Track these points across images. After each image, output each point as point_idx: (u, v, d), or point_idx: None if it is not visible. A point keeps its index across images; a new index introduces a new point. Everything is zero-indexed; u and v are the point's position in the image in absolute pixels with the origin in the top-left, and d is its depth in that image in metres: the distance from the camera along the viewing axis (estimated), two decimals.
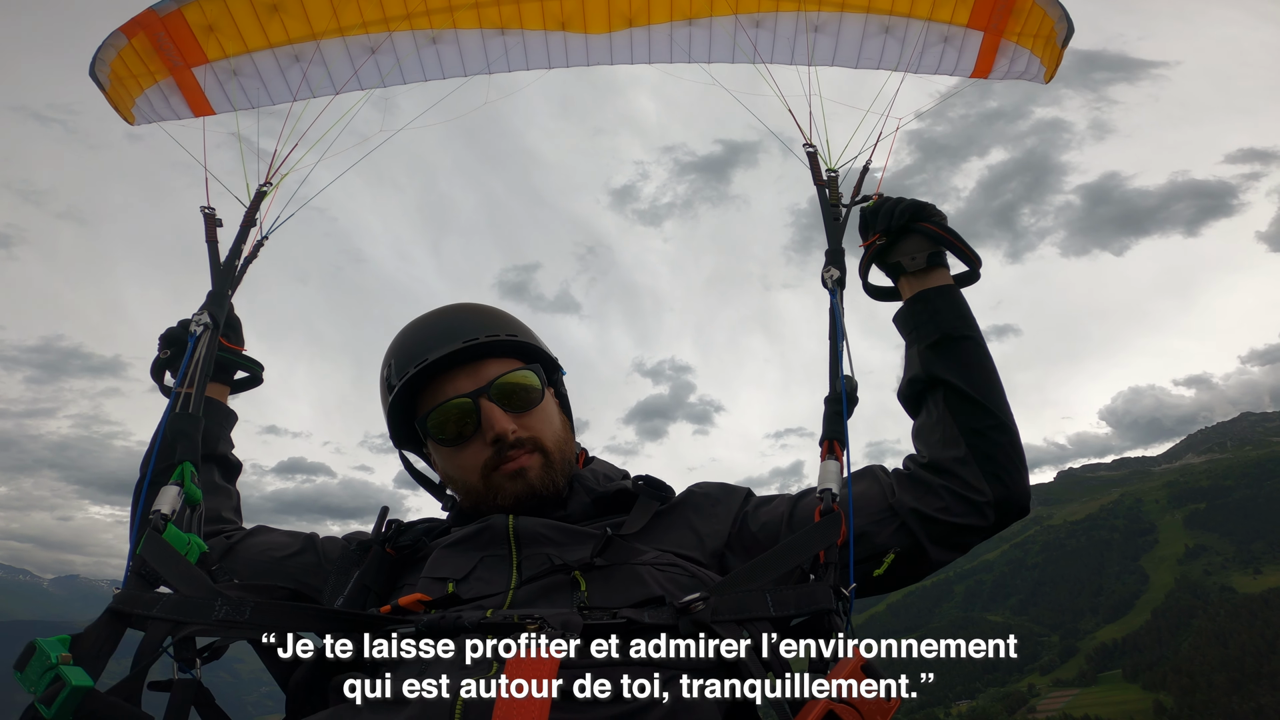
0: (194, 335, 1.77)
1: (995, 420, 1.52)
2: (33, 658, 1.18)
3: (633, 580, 1.35)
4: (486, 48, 2.47)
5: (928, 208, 1.74)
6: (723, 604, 1.24)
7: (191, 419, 1.65)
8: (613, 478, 1.67)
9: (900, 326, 1.73)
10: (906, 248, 1.74)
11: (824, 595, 1.25)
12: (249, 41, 2.56)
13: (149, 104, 2.68)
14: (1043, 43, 2.41)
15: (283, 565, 1.68)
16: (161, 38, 2.53)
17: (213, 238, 2.04)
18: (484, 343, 1.57)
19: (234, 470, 1.99)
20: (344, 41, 2.53)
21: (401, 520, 1.63)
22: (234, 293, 2.01)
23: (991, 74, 2.48)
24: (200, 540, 1.49)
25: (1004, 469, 1.49)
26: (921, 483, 1.51)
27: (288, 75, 2.59)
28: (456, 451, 1.57)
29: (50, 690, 1.13)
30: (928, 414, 1.60)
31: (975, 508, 1.47)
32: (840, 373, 1.61)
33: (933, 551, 1.47)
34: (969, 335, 1.61)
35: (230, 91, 2.64)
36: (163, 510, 1.48)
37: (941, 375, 1.57)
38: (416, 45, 2.49)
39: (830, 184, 2.05)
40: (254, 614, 1.26)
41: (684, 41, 2.41)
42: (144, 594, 1.31)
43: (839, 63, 2.43)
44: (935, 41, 2.42)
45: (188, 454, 1.59)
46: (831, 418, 1.55)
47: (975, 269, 1.74)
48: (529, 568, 1.39)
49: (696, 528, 1.54)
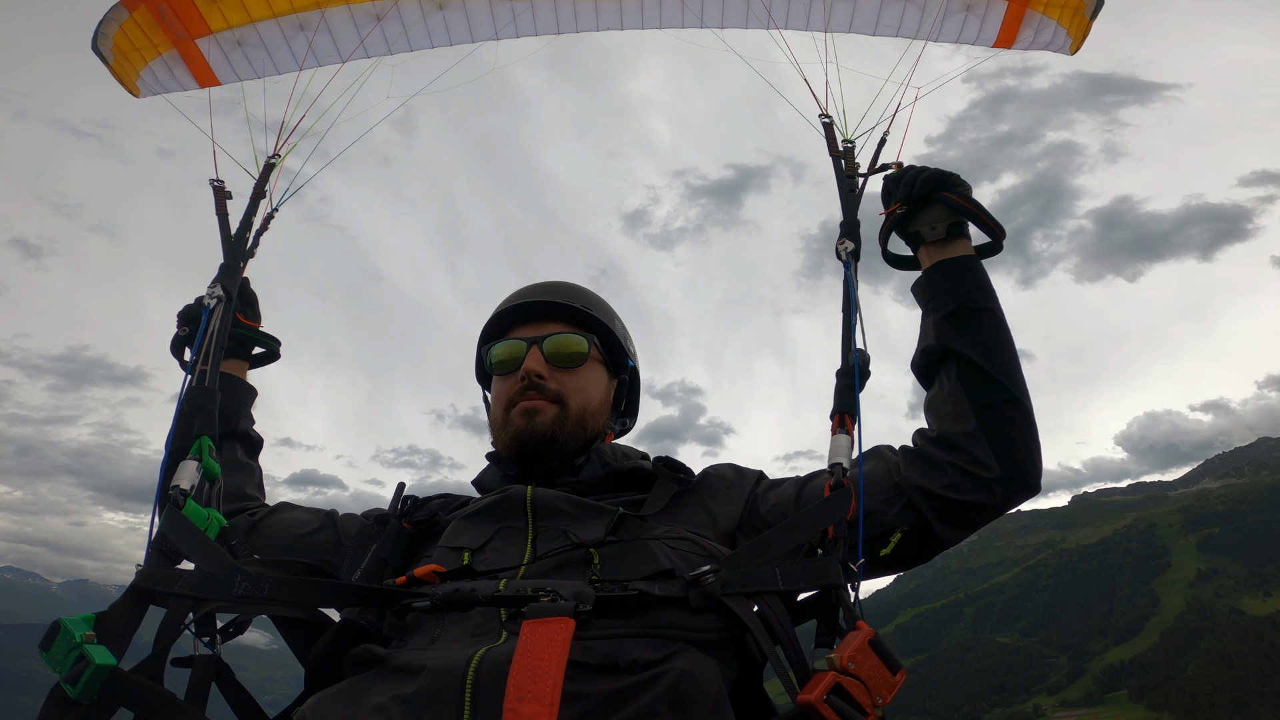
0: (208, 308, 1.76)
1: (1008, 395, 1.48)
2: (58, 637, 1.18)
3: (645, 555, 1.36)
4: (494, 13, 2.42)
5: (951, 177, 1.69)
6: (732, 577, 1.24)
7: (208, 393, 1.65)
8: (631, 456, 1.69)
9: (917, 296, 1.69)
10: (927, 217, 1.70)
11: (833, 570, 1.25)
12: (252, 11, 2.53)
13: (153, 76, 2.64)
14: (1070, 13, 2.33)
15: (303, 542, 1.71)
16: (163, 9, 2.50)
17: (223, 210, 2.02)
18: (557, 305, 1.72)
19: (256, 446, 1.99)
20: (349, 9, 2.49)
21: (417, 495, 1.67)
22: (246, 266, 1.98)
23: (1015, 44, 2.40)
24: (220, 515, 1.50)
25: (1015, 445, 1.45)
26: (928, 459, 1.48)
27: (293, 44, 2.56)
28: (499, 382, 1.72)
29: (75, 669, 1.13)
30: (940, 386, 1.56)
31: (983, 484, 1.43)
32: (853, 345, 1.57)
33: (940, 530, 1.44)
34: (987, 307, 1.57)
35: (235, 62, 2.60)
36: (182, 485, 1.48)
37: (955, 346, 1.53)
38: (423, 11, 2.45)
39: (846, 154, 1.99)
40: (273, 589, 1.27)
41: (696, 6, 2.35)
42: (165, 570, 1.32)
43: (856, 29, 2.36)
44: (957, 9, 2.34)
45: (205, 428, 1.60)
46: (843, 390, 1.51)
47: (998, 240, 1.70)
48: (544, 541, 1.42)
49: (711, 509, 1.55)
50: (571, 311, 1.73)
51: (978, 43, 2.39)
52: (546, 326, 1.70)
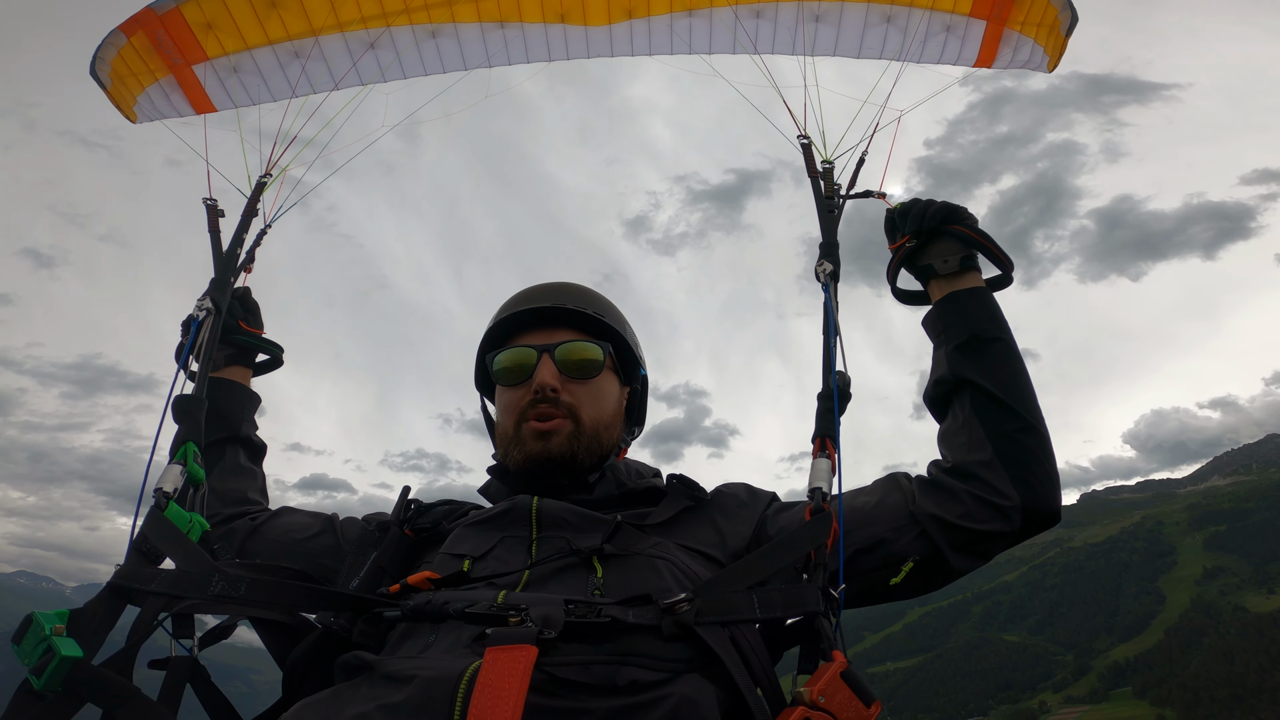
0: (197, 320, 1.81)
1: (1024, 423, 1.46)
2: (29, 629, 1.18)
3: (649, 570, 1.33)
4: (486, 41, 2.47)
5: (960, 210, 1.70)
6: (707, 605, 1.20)
7: (194, 400, 1.68)
8: (645, 474, 1.68)
9: (929, 329, 1.69)
10: (938, 250, 1.70)
11: (811, 597, 1.21)
12: (248, 38, 2.57)
13: (150, 102, 2.69)
14: (1046, 31, 2.37)
15: (302, 547, 1.69)
16: (160, 35, 2.54)
17: (215, 227, 2.07)
18: (567, 310, 1.64)
19: (259, 452, 1.99)
20: (343, 37, 2.54)
21: (421, 501, 1.64)
22: (239, 279, 2.04)
23: (995, 63, 2.45)
24: (203, 519, 1.51)
25: (1033, 473, 1.43)
26: (944, 488, 1.46)
27: (287, 71, 2.60)
28: (506, 391, 1.64)
29: (42, 661, 1.13)
30: (954, 417, 1.55)
31: (1000, 512, 1.41)
32: (833, 369, 1.57)
33: (954, 559, 1.42)
34: (999, 337, 1.56)
35: (231, 88, 2.65)
36: (164, 489, 1.49)
37: (969, 376, 1.52)
38: (416, 39, 2.49)
39: (825, 175, 2.01)
40: (249, 590, 1.26)
41: (684, 33, 2.40)
42: (143, 569, 1.32)
43: (840, 52, 2.41)
44: (937, 31, 2.39)
45: (190, 434, 1.61)
46: (824, 414, 1.51)
47: (1008, 273, 1.70)
48: (544, 549, 1.40)
49: (721, 527, 1.52)
50: (583, 317, 1.65)
51: (959, 63, 2.44)
52: (557, 333, 1.62)
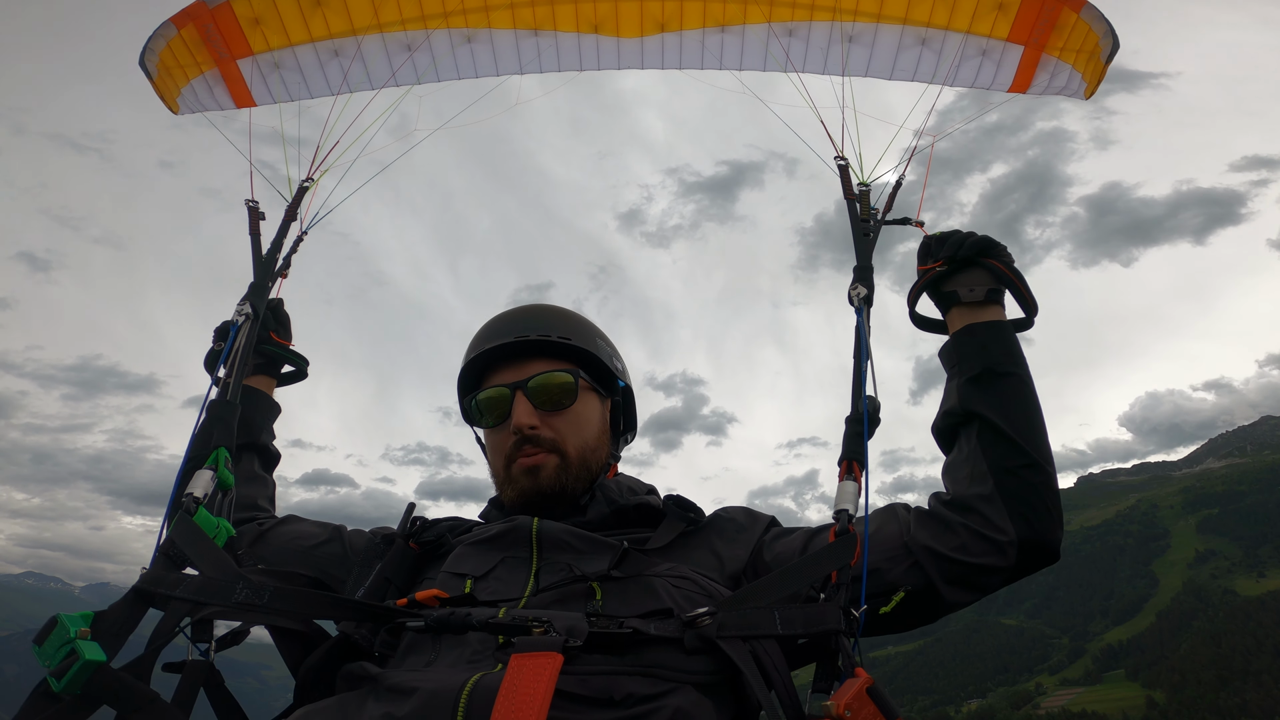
0: (235, 325, 1.83)
1: (1030, 460, 1.46)
2: (53, 631, 1.19)
3: (647, 592, 1.36)
4: (520, 48, 2.49)
5: (997, 245, 1.71)
6: (729, 620, 1.24)
7: (229, 406, 1.69)
8: (637, 491, 1.68)
9: (944, 359, 1.69)
10: (967, 279, 1.70)
11: (832, 615, 1.23)
12: (292, 35, 2.61)
13: (194, 94, 2.73)
14: (1085, 58, 2.36)
15: (310, 555, 1.71)
16: (210, 29, 2.58)
17: (256, 231, 2.07)
18: (534, 340, 1.65)
19: (273, 461, 2.04)
20: (382, 38, 2.57)
21: (425, 517, 1.66)
22: (276, 286, 2.05)
23: (1030, 89, 2.45)
24: (229, 525, 1.51)
25: (1033, 510, 1.43)
26: (940, 520, 1.47)
27: (327, 70, 2.64)
28: (491, 434, 1.68)
29: (64, 663, 1.14)
30: (959, 449, 1.56)
31: (996, 547, 1.41)
32: (863, 393, 1.57)
33: (946, 591, 1.42)
34: (1014, 372, 1.56)
35: (272, 84, 2.69)
36: (195, 494, 1.51)
37: (978, 410, 1.52)
38: (452, 44, 2.52)
39: (862, 198, 2.03)
40: (272, 598, 1.27)
41: (715, 48, 2.41)
42: (169, 574, 1.32)
43: (873, 74, 2.41)
44: (973, 55, 2.39)
45: (223, 440, 1.63)
46: (852, 438, 1.52)
47: (1030, 316, 1.71)
48: (547, 574, 1.41)
49: (718, 551, 1.53)
50: (548, 344, 1.65)
51: (993, 88, 2.44)
52: (527, 366, 1.63)
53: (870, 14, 2.34)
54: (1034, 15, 2.27)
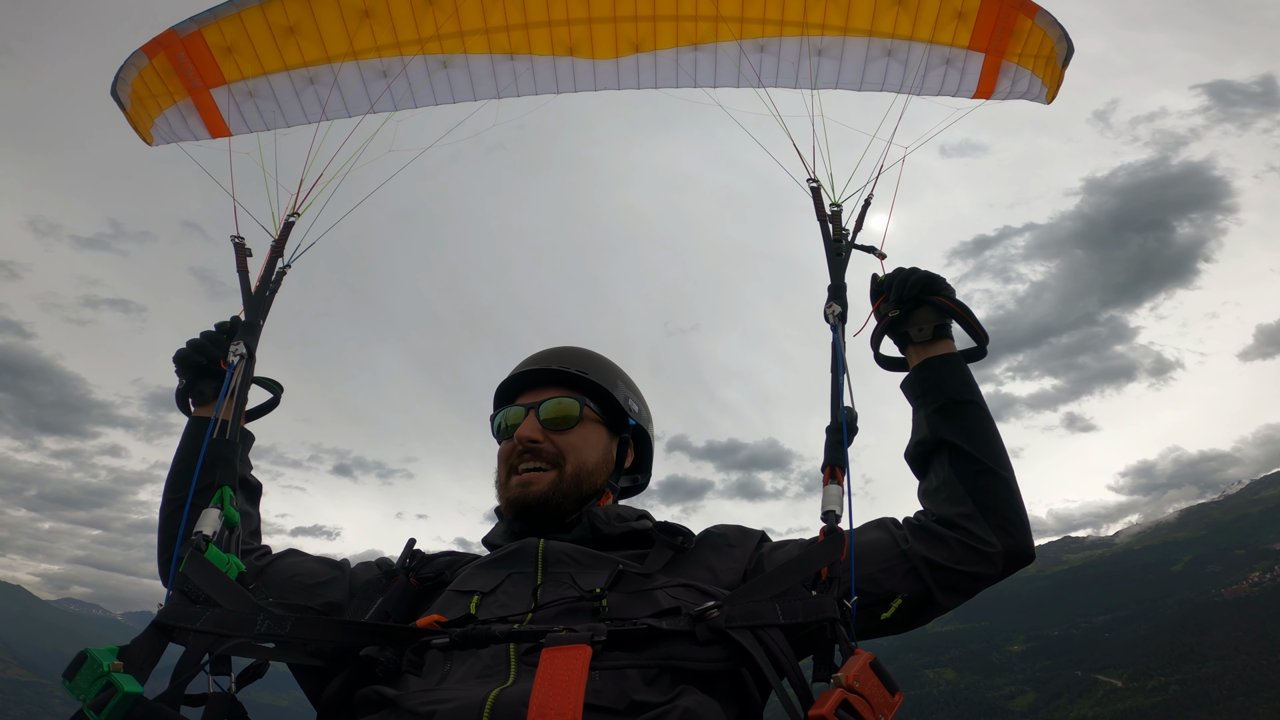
0: (231, 365, 1.84)
1: (996, 474, 1.63)
2: (84, 666, 1.21)
3: (649, 602, 1.44)
4: (496, 73, 2.52)
5: (939, 280, 1.85)
6: (735, 612, 1.34)
7: (229, 445, 1.73)
8: (626, 518, 1.73)
9: (907, 393, 1.84)
10: (916, 318, 1.85)
11: (830, 605, 1.34)
12: (266, 64, 2.61)
13: (167, 124, 2.72)
14: (1043, 63, 2.45)
15: (313, 592, 1.73)
16: (181, 58, 2.57)
17: (243, 267, 2.08)
18: (554, 371, 1.81)
19: (255, 492, 2.04)
20: (358, 65, 2.59)
21: (424, 552, 1.71)
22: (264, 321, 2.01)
23: (994, 94, 2.52)
24: (239, 560, 1.56)
25: (1010, 522, 1.59)
26: (933, 534, 1.60)
27: (302, 98, 2.65)
28: (501, 444, 1.81)
29: (101, 696, 1.17)
30: (934, 475, 1.70)
31: (985, 558, 1.56)
32: (841, 404, 1.70)
33: (940, 597, 1.55)
34: (972, 400, 1.73)
35: (247, 113, 2.69)
36: (204, 531, 1.53)
37: (947, 437, 1.68)
38: (428, 70, 2.55)
39: (834, 218, 2.11)
40: (295, 628, 1.31)
41: (689, 67, 2.46)
42: (188, 608, 1.36)
43: (843, 85, 2.48)
44: (937, 64, 2.46)
45: (226, 478, 1.66)
46: (833, 445, 1.64)
47: (982, 345, 1.85)
48: (551, 586, 1.48)
49: (713, 565, 1.61)
50: (567, 376, 1.81)
51: (959, 95, 2.51)
52: (545, 392, 1.79)
53: (837, 27, 2.41)
54: (992, 22, 2.35)
